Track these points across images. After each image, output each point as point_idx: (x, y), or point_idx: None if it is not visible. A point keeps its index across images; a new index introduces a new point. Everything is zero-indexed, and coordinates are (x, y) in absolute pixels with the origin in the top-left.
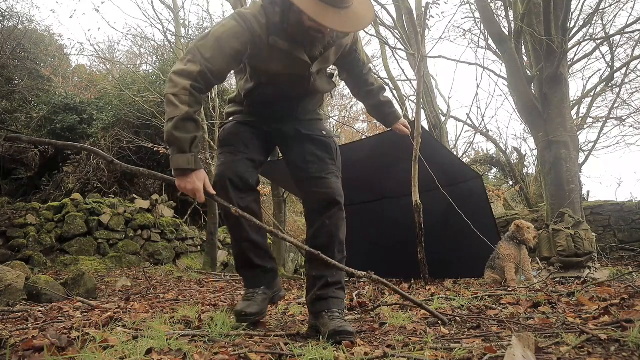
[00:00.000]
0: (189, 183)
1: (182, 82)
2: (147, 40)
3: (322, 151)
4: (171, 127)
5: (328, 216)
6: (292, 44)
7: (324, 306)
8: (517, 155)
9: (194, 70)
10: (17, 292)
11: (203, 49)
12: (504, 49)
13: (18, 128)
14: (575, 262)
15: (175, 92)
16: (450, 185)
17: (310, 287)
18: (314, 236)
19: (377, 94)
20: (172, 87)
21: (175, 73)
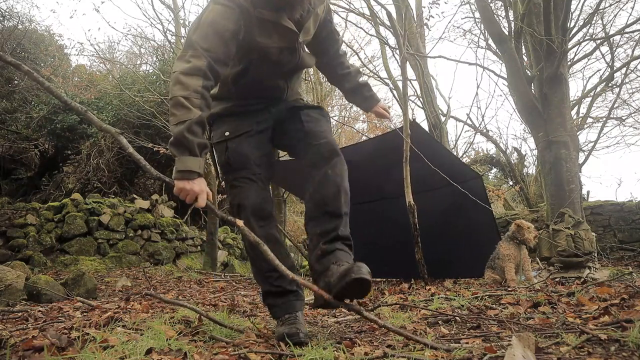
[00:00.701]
0: (195, 185)
1: (192, 83)
2: (147, 40)
3: (316, 113)
4: (183, 129)
5: (331, 166)
6: (278, 13)
7: (332, 259)
8: (517, 155)
9: (201, 65)
10: (17, 292)
11: (200, 40)
12: (504, 49)
13: (18, 128)
14: (575, 262)
15: (186, 95)
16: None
17: (315, 244)
18: (317, 188)
19: (355, 76)
20: (183, 89)
21: (183, 73)
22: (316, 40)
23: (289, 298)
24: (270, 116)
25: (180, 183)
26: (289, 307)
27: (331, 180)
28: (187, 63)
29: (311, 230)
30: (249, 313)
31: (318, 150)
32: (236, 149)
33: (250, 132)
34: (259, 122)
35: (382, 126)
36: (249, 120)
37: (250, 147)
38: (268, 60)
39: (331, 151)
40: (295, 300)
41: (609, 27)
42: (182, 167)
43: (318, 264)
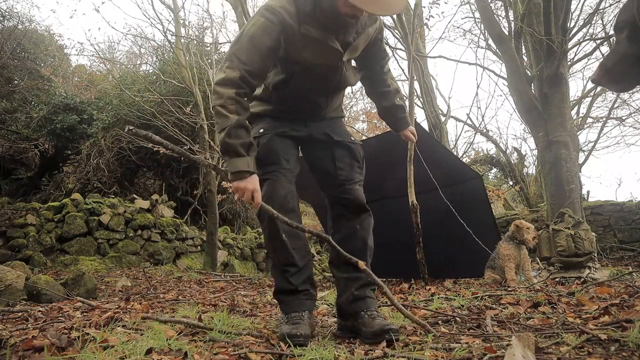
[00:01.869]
0: (249, 183)
1: (226, 92)
2: (147, 40)
3: (351, 158)
4: (224, 136)
5: (359, 222)
6: (324, 32)
7: (363, 306)
8: (517, 155)
9: (235, 76)
10: (17, 292)
11: (239, 52)
12: (504, 49)
13: (18, 128)
14: (575, 262)
15: (222, 103)
16: (450, 185)
17: (344, 288)
18: (344, 241)
19: (393, 96)
20: (218, 99)
21: (218, 84)
22: (363, 56)
23: (300, 296)
24: (306, 129)
25: (234, 184)
26: (298, 305)
27: (359, 236)
28: (222, 74)
29: (338, 274)
30: (249, 313)
31: (349, 205)
32: (267, 144)
33: (284, 132)
34: (293, 129)
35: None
36: (284, 124)
37: (281, 145)
38: (311, 75)
39: (360, 207)
40: (305, 299)
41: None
42: (232, 169)
43: (349, 306)
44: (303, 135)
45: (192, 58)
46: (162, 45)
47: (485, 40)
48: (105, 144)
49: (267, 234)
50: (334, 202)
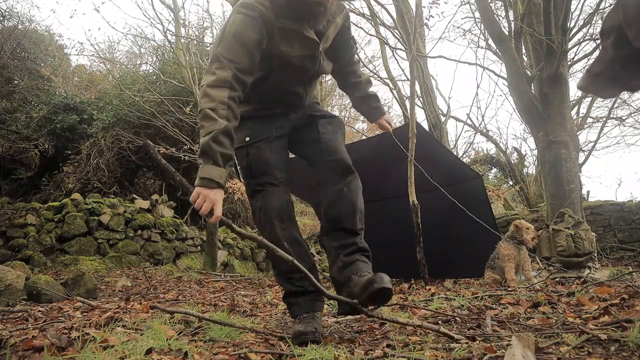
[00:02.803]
0: (212, 195)
1: (219, 95)
2: (147, 40)
3: (334, 125)
4: (209, 139)
5: (346, 183)
6: (299, 22)
7: (353, 270)
8: (517, 155)
9: (227, 75)
10: (17, 292)
11: (225, 51)
12: (504, 49)
13: (18, 128)
14: (575, 262)
15: (213, 107)
16: (450, 185)
17: (334, 258)
18: (332, 205)
19: (364, 86)
20: (210, 101)
21: (209, 86)
22: (332, 46)
23: (309, 297)
24: (289, 122)
25: (199, 189)
26: (308, 307)
27: (346, 199)
28: (212, 75)
29: (328, 243)
30: (249, 313)
31: (334, 166)
32: (257, 154)
33: (269, 138)
34: (278, 128)
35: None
36: (268, 126)
37: (270, 153)
38: (289, 68)
39: (346, 168)
40: (314, 300)
41: None
42: (203, 174)
43: (339, 275)
44: (287, 132)
45: (192, 58)
46: (162, 45)
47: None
48: (105, 144)
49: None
50: (320, 166)
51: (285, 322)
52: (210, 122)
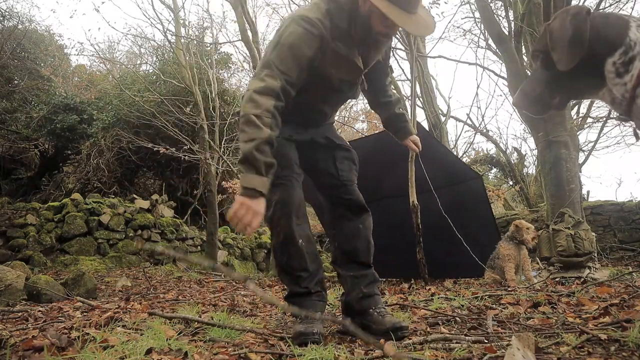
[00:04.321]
0: (255, 205)
1: (265, 102)
2: (147, 40)
3: (350, 161)
4: (252, 148)
5: (361, 221)
6: (352, 49)
7: (372, 303)
8: (517, 155)
9: (276, 86)
10: (17, 292)
11: (278, 61)
12: (504, 49)
13: (18, 128)
14: (575, 262)
15: (258, 113)
16: (450, 185)
17: (352, 286)
18: (348, 240)
19: (394, 106)
20: (255, 107)
21: (257, 92)
22: (372, 70)
23: (312, 298)
24: (307, 134)
25: (241, 198)
26: (311, 307)
27: (362, 235)
28: (261, 82)
29: (343, 272)
30: (249, 313)
31: (350, 205)
32: (278, 148)
33: (290, 137)
34: (297, 133)
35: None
36: (289, 127)
37: (290, 150)
38: (326, 89)
39: (362, 207)
40: (318, 300)
41: None
42: (247, 184)
43: (358, 304)
44: (305, 139)
45: (192, 58)
46: (162, 45)
47: (485, 40)
48: (105, 144)
49: (281, 239)
50: (335, 202)
51: (285, 322)
52: (253, 129)
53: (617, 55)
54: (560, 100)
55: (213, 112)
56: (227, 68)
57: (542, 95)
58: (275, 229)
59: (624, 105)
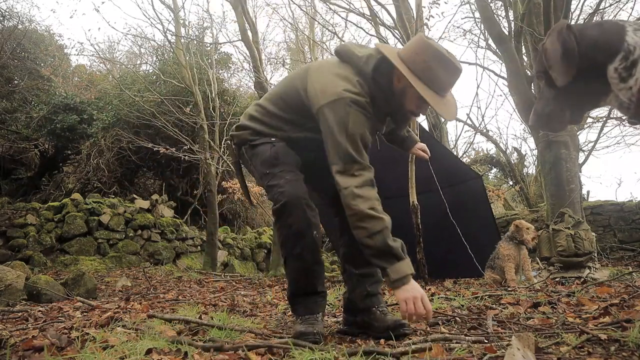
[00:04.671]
0: (416, 290)
1: (372, 194)
2: (147, 40)
3: None
4: (386, 238)
5: None
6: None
7: (375, 302)
8: (517, 155)
9: (370, 177)
10: (17, 292)
11: (357, 154)
12: (504, 49)
13: (18, 128)
14: (575, 262)
15: (371, 206)
16: (450, 185)
17: (357, 284)
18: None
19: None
20: (366, 202)
21: (359, 187)
22: None
23: (316, 298)
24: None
25: (401, 293)
26: (313, 307)
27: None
28: (355, 178)
29: (352, 270)
30: (249, 313)
31: None
32: (283, 146)
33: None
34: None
35: None
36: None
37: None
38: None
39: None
40: (321, 300)
41: None
42: (396, 275)
43: (362, 302)
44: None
45: (192, 58)
46: (162, 45)
47: (485, 40)
48: (105, 144)
49: (294, 230)
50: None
51: (285, 322)
52: (376, 222)
53: (617, 61)
54: (571, 114)
55: (213, 112)
56: (227, 68)
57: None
58: (286, 220)
59: (632, 109)
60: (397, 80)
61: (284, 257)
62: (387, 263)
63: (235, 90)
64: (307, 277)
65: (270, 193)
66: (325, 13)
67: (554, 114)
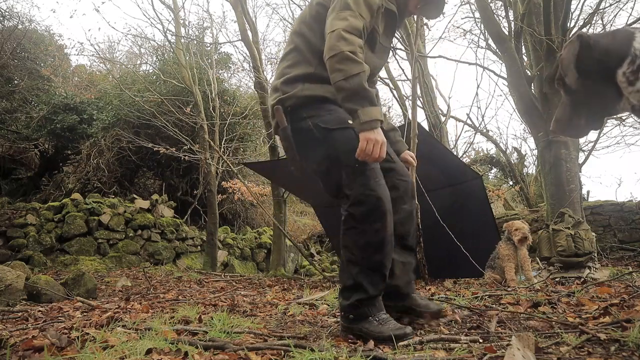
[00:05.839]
0: (378, 136)
1: (356, 40)
2: (147, 40)
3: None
4: (361, 81)
5: (414, 205)
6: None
7: (413, 288)
8: (517, 155)
9: (359, 26)
10: (17, 292)
11: (354, 4)
12: (504, 49)
13: (18, 128)
14: (575, 262)
15: (353, 50)
16: (451, 185)
17: (403, 271)
18: (402, 223)
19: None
20: (348, 44)
21: (345, 30)
22: None
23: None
24: None
25: (366, 134)
26: (382, 306)
27: (414, 220)
28: (346, 21)
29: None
30: (249, 313)
31: (405, 187)
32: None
33: None
34: None
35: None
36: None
37: None
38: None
39: (413, 192)
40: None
41: (609, 27)
42: (367, 117)
43: (406, 287)
44: None
45: (192, 58)
46: (162, 45)
47: (485, 40)
48: (105, 144)
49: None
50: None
51: (286, 322)
52: (354, 64)
53: (625, 65)
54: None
55: (213, 112)
56: (227, 68)
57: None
58: (373, 225)
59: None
60: None
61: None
62: (360, 105)
63: (235, 90)
64: (381, 280)
65: (355, 190)
66: None
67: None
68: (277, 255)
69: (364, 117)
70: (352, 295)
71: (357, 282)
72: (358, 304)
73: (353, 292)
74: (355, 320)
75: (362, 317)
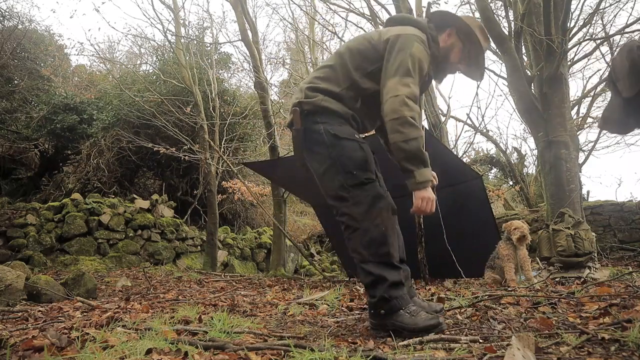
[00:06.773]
0: (431, 194)
1: (416, 107)
2: (147, 40)
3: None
4: (419, 145)
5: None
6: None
7: (413, 292)
8: (517, 155)
9: (418, 93)
10: (17, 292)
11: (414, 73)
12: (504, 49)
13: (18, 128)
14: (575, 262)
15: (414, 116)
16: (450, 185)
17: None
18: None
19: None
20: (410, 110)
21: (408, 97)
22: None
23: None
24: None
25: (421, 193)
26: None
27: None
28: (408, 88)
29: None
30: (249, 313)
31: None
32: (368, 151)
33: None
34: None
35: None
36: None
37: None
38: None
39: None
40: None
41: (609, 27)
42: (422, 178)
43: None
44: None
45: (192, 58)
46: (162, 45)
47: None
48: (105, 144)
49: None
50: None
51: (286, 322)
52: (413, 129)
53: None
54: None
55: (213, 112)
56: (227, 68)
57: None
58: (374, 221)
59: None
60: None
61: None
62: (416, 167)
63: (235, 90)
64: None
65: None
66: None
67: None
68: (277, 255)
69: (420, 178)
70: (376, 290)
71: (374, 277)
72: (388, 297)
73: (376, 287)
74: (387, 314)
75: (394, 310)
